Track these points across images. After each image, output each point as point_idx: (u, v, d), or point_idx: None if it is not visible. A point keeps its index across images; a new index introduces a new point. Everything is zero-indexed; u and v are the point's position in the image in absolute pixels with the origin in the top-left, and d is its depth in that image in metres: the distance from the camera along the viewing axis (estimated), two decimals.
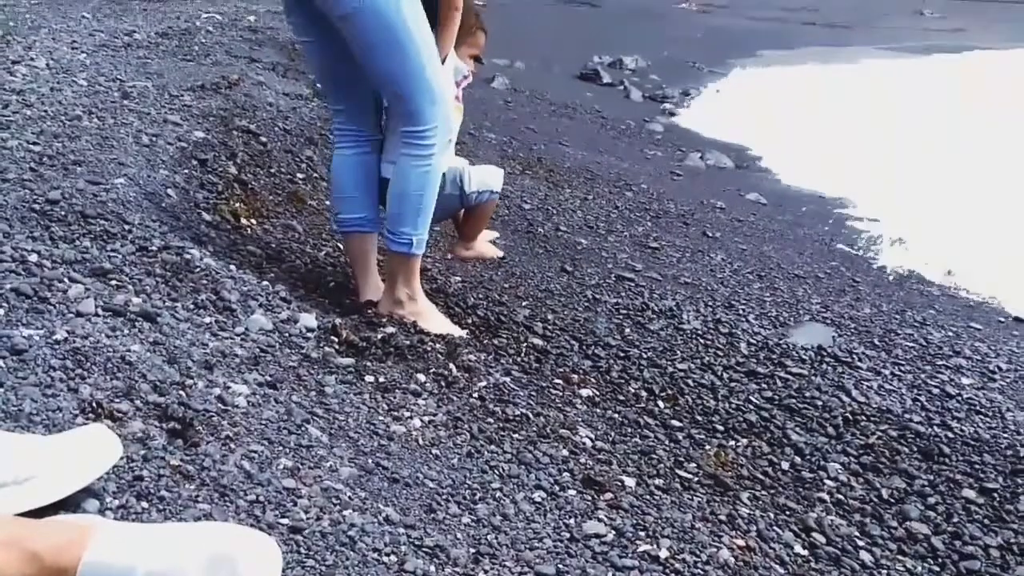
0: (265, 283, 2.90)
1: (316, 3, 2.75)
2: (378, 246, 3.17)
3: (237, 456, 1.87)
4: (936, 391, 3.45)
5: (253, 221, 3.53)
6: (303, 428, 2.11)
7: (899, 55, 18.72)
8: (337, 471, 1.98)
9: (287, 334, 2.60)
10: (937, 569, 2.22)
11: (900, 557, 2.24)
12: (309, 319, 2.72)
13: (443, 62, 2.97)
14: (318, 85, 4.93)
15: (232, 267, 2.90)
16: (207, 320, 2.49)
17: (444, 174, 3.04)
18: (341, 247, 3.54)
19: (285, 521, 1.70)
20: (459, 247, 3.21)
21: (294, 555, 1.62)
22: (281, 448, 1.98)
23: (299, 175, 4.20)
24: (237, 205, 3.55)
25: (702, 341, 3.48)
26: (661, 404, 2.85)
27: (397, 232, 2.93)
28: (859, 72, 15.06)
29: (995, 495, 2.62)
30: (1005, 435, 3.10)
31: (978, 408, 3.35)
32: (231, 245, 3.21)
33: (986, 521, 2.48)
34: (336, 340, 2.68)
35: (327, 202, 4.01)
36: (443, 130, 2.89)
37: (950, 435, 2.99)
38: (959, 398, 3.39)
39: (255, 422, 2.05)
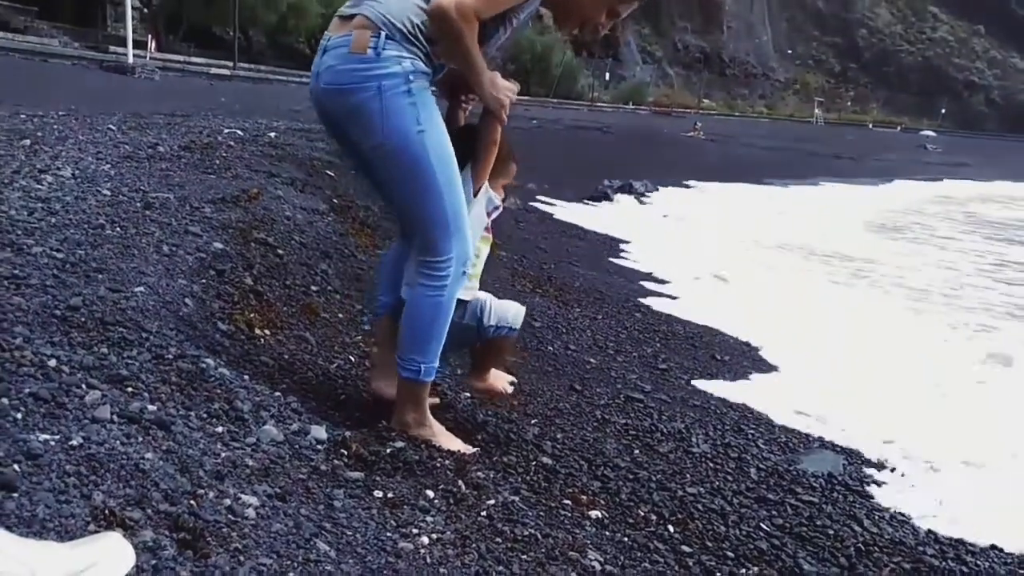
0: (277, 394, 2.91)
1: (350, 136, 2.86)
2: None
3: (246, 569, 1.85)
4: (948, 522, 3.41)
5: (267, 332, 3.56)
6: (311, 542, 2.09)
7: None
8: None
9: (297, 446, 2.59)
10: None
11: None
12: (320, 431, 2.73)
13: (476, 194, 3.05)
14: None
15: (245, 377, 2.92)
16: (219, 430, 2.50)
17: (466, 304, 3.07)
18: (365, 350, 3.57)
19: None
20: (471, 378, 3.23)
21: None
22: (289, 562, 1.96)
23: (313, 287, 4.26)
24: (252, 315, 3.59)
25: (711, 465, 3.46)
26: (671, 528, 2.81)
27: (406, 359, 2.94)
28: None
29: None
30: (1021, 571, 3.05)
31: (995, 543, 3.30)
32: (245, 355, 3.23)
33: None
34: (346, 453, 2.68)
35: (340, 315, 4.06)
36: (459, 262, 2.89)
37: (964, 569, 2.94)
38: (976, 530, 3.34)
39: (264, 535, 2.04)
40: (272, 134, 8.06)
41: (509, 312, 3.13)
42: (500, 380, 3.23)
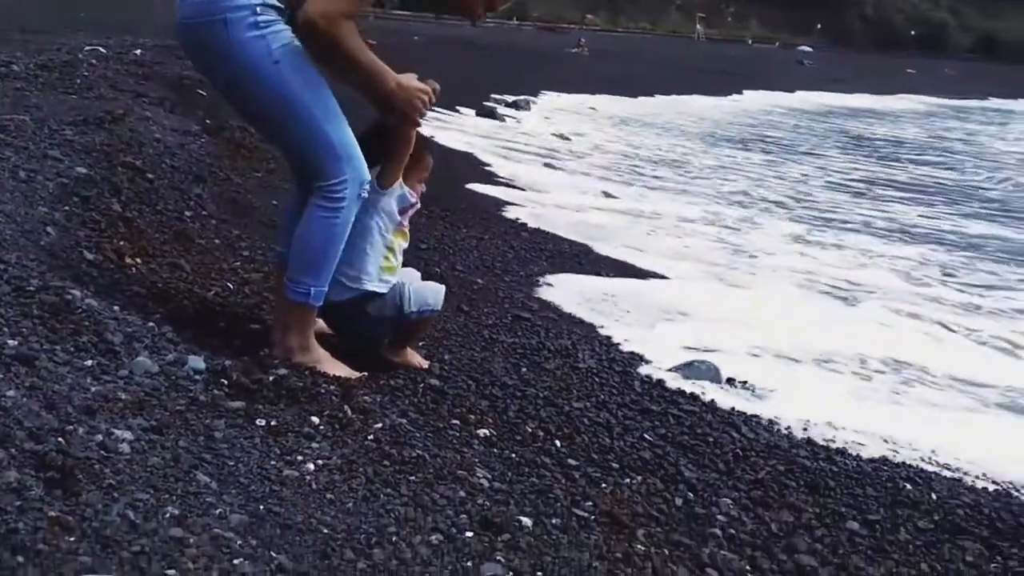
0: (151, 324, 2.80)
1: (208, 70, 2.75)
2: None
3: (121, 505, 1.79)
4: (821, 424, 3.57)
5: (138, 260, 3.41)
6: (191, 475, 2.03)
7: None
8: (227, 518, 1.91)
9: (174, 377, 2.51)
10: None
11: None
12: (197, 361, 2.64)
13: (385, 190, 2.98)
14: None
15: (115, 308, 2.80)
16: (88, 363, 2.39)
17: (384, 296, 3.03)
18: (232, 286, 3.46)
19: (172, 572, 1.63)
20: (387, 351, 3.18)
21: None
22: (168, 496, 1.90)
23: (187, 213, 4.09)
24: (121, 243, 3.43)
25: (597, 380, 3.52)
26: (558, 443, 2.86)
27: (297, 281, 2.87)
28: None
29: (877, 526, 2.71)
30: (885, 468, 3.23)
31: (861, 442, 3.48)
32: (114, 285, 3.09)
33: (870, 552, 2.56)
34: (226, 383, 2.61)
35: (216, 240, 3.92)
36: (353, 184, 2.81)
37: (835, 469, 3.10)
38: (843, 432, 3.52)
39: (140, 469, 1.97)
40: (138, 51, 7.64)
41: (428, 295, 3.10)
42: (415, 357, 3.20)
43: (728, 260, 6.83)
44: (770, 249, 7.52)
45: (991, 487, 3.27)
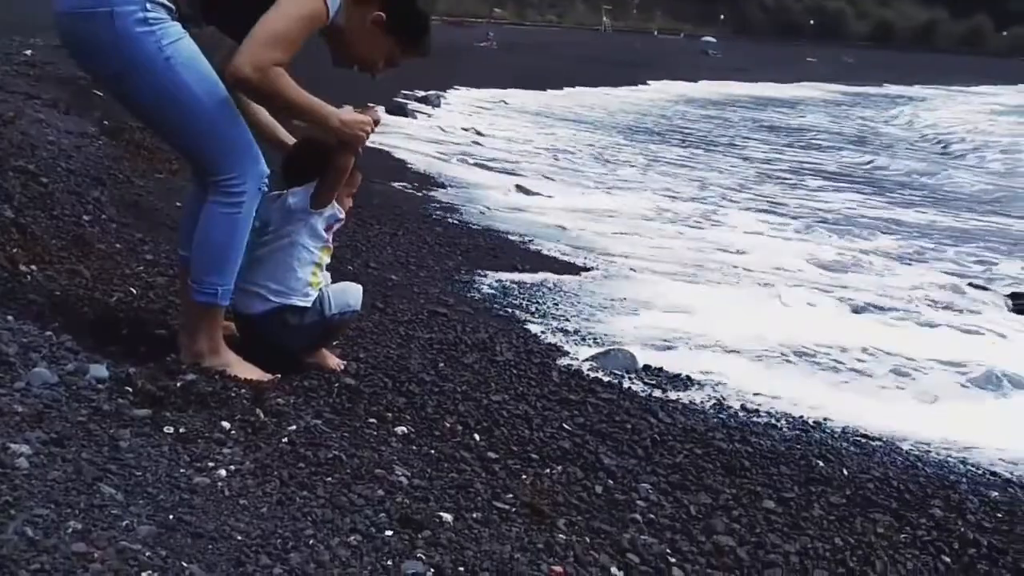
0: (48, 333, 2.69)
1: (91, 65, 2.69)
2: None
3: (19, 522, 1.70)
4: (735, 408, 3.64)
5: (33, 267, 3.26)
6: (95, 487, 1.95)
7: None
8: (134, 530, 1.84)
9: (75, 387, 2.41)
10: None
11: (709, 570, 2.32)
12: (100, 370, 2.54)
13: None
14: None
15: (9, 318, 2.68)
16: None
17: (306, 307, 2.98)
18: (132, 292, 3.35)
19: None
20: (301, 353, 3.10)
21: None
22: (70, 510, 1.82)
23: (85, 217, 3.94)
24: (15, 251, 3.28)
25: (515, 371, 3.51)
26: (477, 437, 2.84)
27: (202, 281, 2.78)
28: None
29: (792, 504, 2.77)
30: (799, 447, 3.30)
31: (773, 421, 3.56)
32: (8, 294, 2.96)
33: (785, 529, 2.61)
34: (131, 390, 2.51)
35: (117, 245, 3.78)
36: (253, 178, 2.74)
37: (750, 450, 3.16)
38: (757, 412, 3.59)
39: (39, 484, 1.88)
40: (28, 52, 7.33)
41: (349, 296, 3.05)
42: (330, 358, 3.14)
43: (649, 252, 6.91)
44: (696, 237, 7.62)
45: (899, 460, 3.37)
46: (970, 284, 7.02)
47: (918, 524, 2.78)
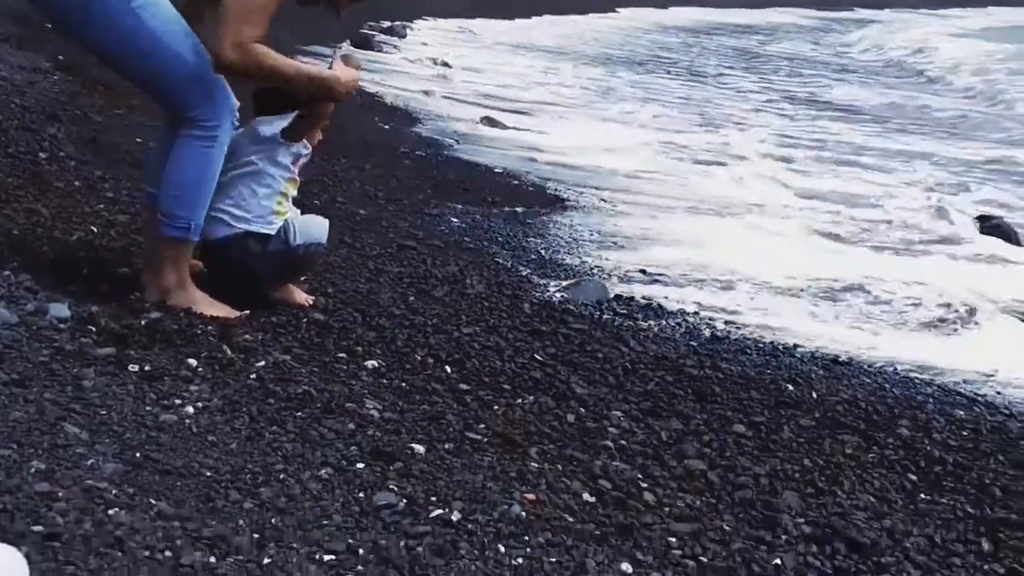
0: (7, 273, 2.64)
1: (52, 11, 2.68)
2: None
3: None
4: (706, 335, 3.66)
5: None
6: (58, 427, 1.93)
7: None
8: (100, 469, 1.82)
9: (35, 327, 2.37)
10: (714, 501, 2.33)
11: (681, 494, 2.33)
12: (61, 309, 2.50)
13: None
14: None
15: None
16: None
17: (270, 235, 2.93)
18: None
19: (39, 528, 1.55)
20: (269, 287, 3.04)
21: (50, 564, 1.47)
22: (32, 451, 1.80)
23: (42, 154, 3.84)
24: None
25: (486, 304, 3.50)
26: (448, 369, 2.83)
27: (173, 216, 2.75)
28: None
29: (762, 428, 2.80)
30: (768, 371, 3.33)
31: (743, 347, 3.58)
32: None
33: (755, 452, 2.64)
34: (94, 330, 2.48)
35: (76, 183, 3.69)
36: (223, 112, 2.74)
37: (720, 376, 3.17)
38: (727, 339, 3.61)
39: (0, 425, 1.85)
40: None
41: (313, 227, 2.99)
42: (298, 293, 3.09)
43: (625, 184, 6.85)
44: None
45: (867, 382, 3.41)
46: (942, 207, 7.06)
47: (885, 444, 2.82)
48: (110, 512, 1.66)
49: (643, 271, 4.52)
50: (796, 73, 17.73)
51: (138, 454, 1.94)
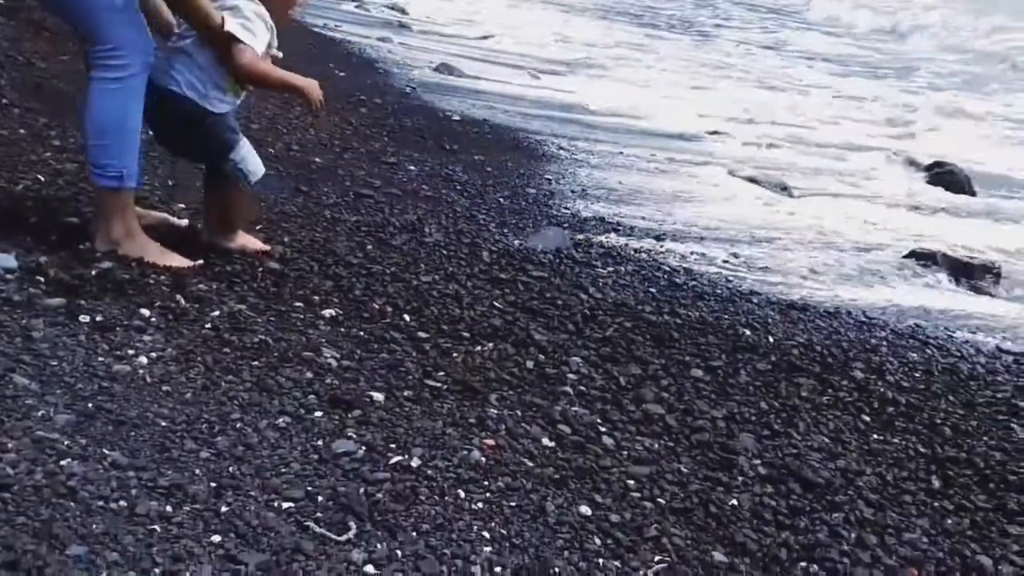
0: None
1: None
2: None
3: None
4: (664, 282, 3.67)
5: None
6: (7, 378, 1.89)
7: None
8: (51, 419, 1.79)
9: None
10: (672, 444, 2.36)
11: (639, 437, 2.36)
12: (7, 260, 2.44)
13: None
14: None
15: None
16: None
17: (224, 116, 2.83)
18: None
19: None
20: (219, 239, 2.94)
21: (0, 515, 1.44)
22: None
23: None
24: None
25: (445, 252, 3.47)
26: (407, 318, 2.81)
27: (102, 165, 2.65)
28: None
29: (719, 372, 2.83)
30: (726, 316, 3.35)
31: (701, 293, 3.60)
32: None
33: (713, 396, 2.66)
34: (43, 280, 2.42)
35: (21, 131, 3.59)
36: (137, 49, 2.61)
37: (679, 321, 3.19)
38: (685, 287, 3.63)
39: None
40: None
41: (250, 161, 2.90)
42: (251, 241, 3.02)
43: (583, 133, 6.82)
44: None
45: (823, 326, 3.45)
46: (893, 154, 7.13)
47: (840, 386, 2.87)
48: (62, 463, 1.64)
49: (602, 219, 4.52)
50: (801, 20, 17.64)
51: (90, 404, 1.90)
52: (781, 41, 14.89)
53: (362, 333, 2.65)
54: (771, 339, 3.17)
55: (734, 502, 2.13)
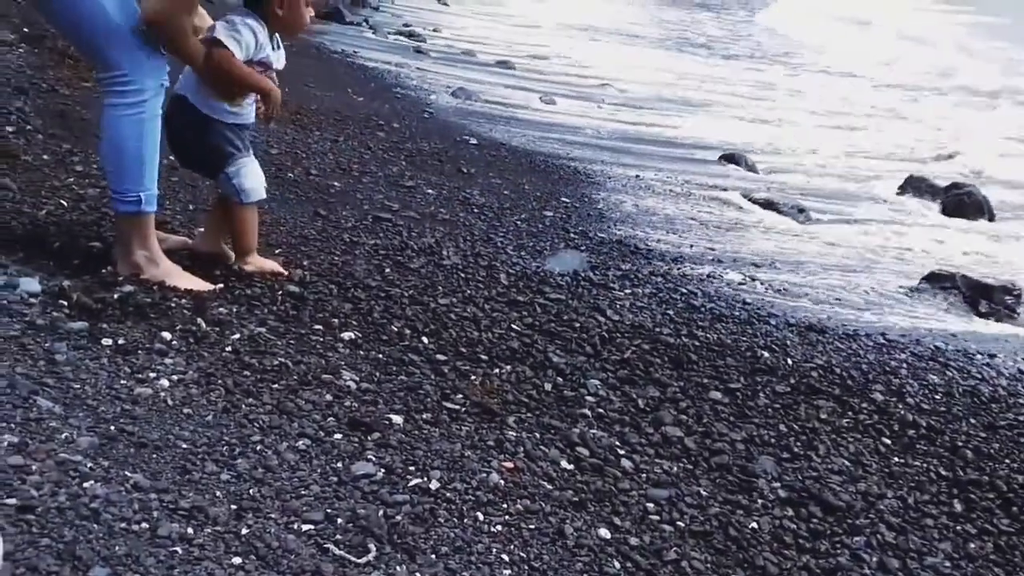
0: None
1: None
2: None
3: None
4: (682, 304, 3.67)
5: None
6: (30, 401, 1.90)
7: None
8: (74, 442, 1.81)
9: (5, 301, 2.34)
10: (691, 467, 2.35)
11: (658, 460, 2.35)
12: (31, 283, 2.47)
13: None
14: None
15: None
16: None
17: (236, 128, 2.89)
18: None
19: (12, 501, 1.53)
20: (239, 263, 2.98)
21: (24, 536, 1.46)
22: (4, 424, 1.78)
23: (8, 128, 3.77)
24: None
25: (463, 275, 3.49)
26: (425, 340, 2.82)
27: (122, 192, 2.68)
28: None
29: (738, 394, 2.82)
30: (744, 339, 3.34)
31: (720, 316, 3.59)
32: None
33: (731, 418, 2.66)
34: (66, 304, 2.45)
35: (45, 156, 3.63)
36: (146, 72, 2.62)
37: (697, 343, 3.19)
38: (703, 309, 3.62)
39: None
40: None
41: (248, 178, 2.93)
42: (267, 263, 3.05)
43: (603, 155, 6.85)
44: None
45: (842, 348, 3.44)
46: (911, 176, 7.12)
47: (860, 409, 2.85)
48: (85, 485, 1.65)
49: (620, 241, 4.52)
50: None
51: (113, 427, 1.92)
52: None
53: (381, 356, 2.66)
54: (790, 361, 3.16)
55: (754, 525, 2.12)
